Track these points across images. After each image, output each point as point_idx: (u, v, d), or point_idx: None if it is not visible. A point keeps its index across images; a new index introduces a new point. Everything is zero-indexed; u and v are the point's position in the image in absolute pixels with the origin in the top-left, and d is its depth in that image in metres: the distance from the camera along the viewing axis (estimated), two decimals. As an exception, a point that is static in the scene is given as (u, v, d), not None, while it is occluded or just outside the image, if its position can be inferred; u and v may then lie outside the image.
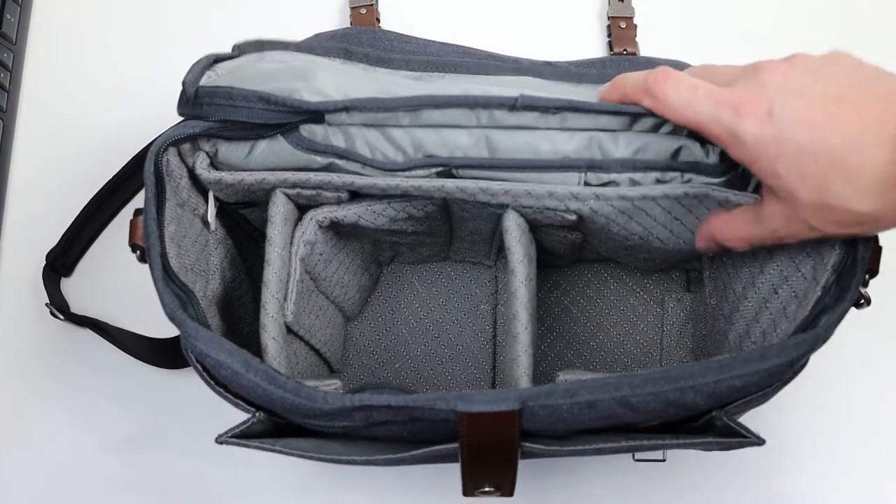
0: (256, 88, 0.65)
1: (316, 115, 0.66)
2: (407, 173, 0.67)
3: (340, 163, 0.67)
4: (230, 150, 0.67)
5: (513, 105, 0.64)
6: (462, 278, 0.85)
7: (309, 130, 0.67)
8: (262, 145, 0.67)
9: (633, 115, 0.64)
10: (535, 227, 0.71)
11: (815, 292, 0.61)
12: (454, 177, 0.67)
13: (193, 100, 0.65)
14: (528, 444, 0.58)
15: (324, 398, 0.56)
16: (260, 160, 0.67)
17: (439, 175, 0.67)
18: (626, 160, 0.65)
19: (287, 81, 0.66)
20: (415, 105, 0.65)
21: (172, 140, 0.64)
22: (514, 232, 0.68)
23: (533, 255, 0.70)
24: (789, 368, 0.59)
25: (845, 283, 0.59)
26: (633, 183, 0.66)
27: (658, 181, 0.66)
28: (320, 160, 0.67)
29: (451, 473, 0.67)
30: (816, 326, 0.58)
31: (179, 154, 0.66)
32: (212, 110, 0.65)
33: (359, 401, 0.56)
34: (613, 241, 0.72)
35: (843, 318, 0.58)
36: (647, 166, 0.65)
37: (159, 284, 0.60)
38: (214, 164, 0.68)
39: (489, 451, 0.58)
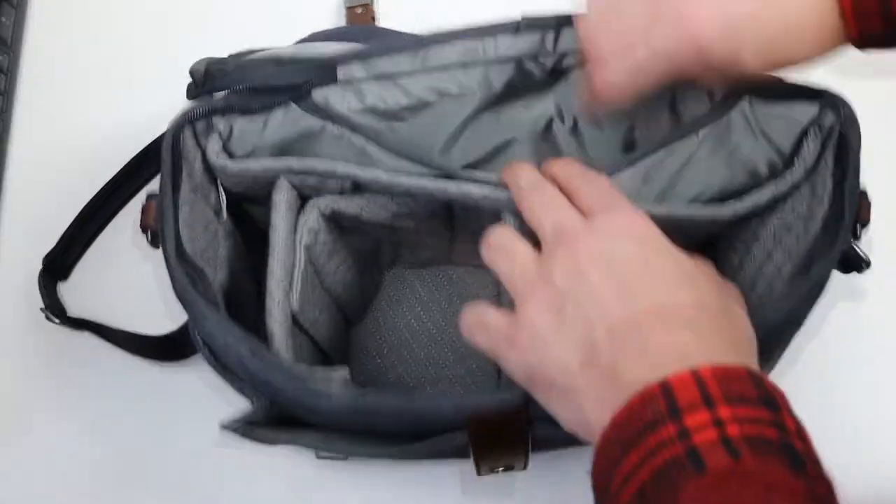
0: (266, 55, 0.66)
1: (328, 70, 0.66)
2: (410, 167, 0.68)
3: (353, 136, 0.68)
4: (246, 125, 0.67)
5: (516, 27, 0.67)
6: (464, 281, 0.85)
7: (321, 95, 0.67)
8: (278, 115, 0.67)
9: None
10: None
11: (808, 244, 0.62)
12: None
13: (203, 80, 0.66)
14: (540, 429, 0.58)
15: (328, 397, 0.56)
16: (275, 133, 0.68)
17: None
18: (623, 162, 0.66)
19: (293, 53, 0.67)
20: (424, 43, 0.67)
21: (189, 118, 0.64)
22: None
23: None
24: (788, 325, 0.60)
25: (833, 229, 0.60)
26: (633, 181, 0.66)
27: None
28: (333, 130, 0.68)
29: (452, 474, 0.67)
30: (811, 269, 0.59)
31: (195, 135, 0.66)
32: (224, 82, 0.66)
33: (363, 400, 0.56)
34: None
35: (835, 262, 0.59)
36: (640, 157, 0.67)
37: (171, 261, 0.59)
38: (227, 146, 0.68)
39: (498, 444, 0.58)
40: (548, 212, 0.58)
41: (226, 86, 0.66)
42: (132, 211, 0.89)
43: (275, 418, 0.62)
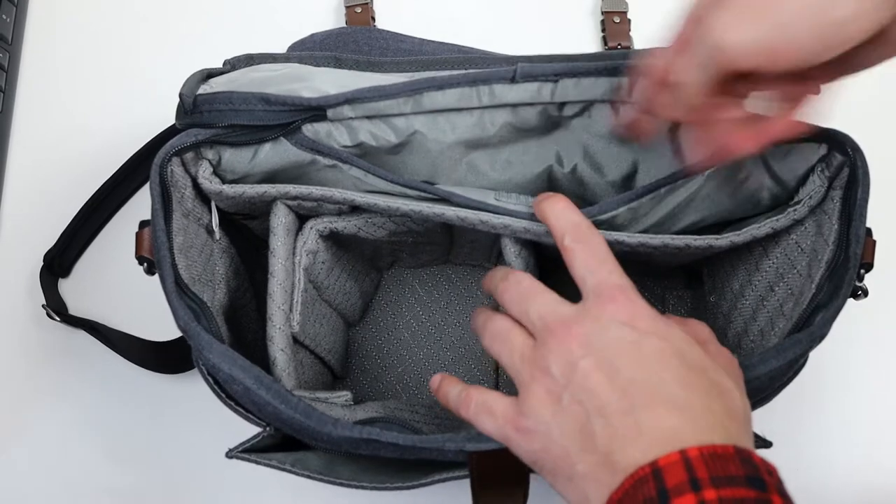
0: (255, 90, 0.65)
1: (317, 112, 0.66)
2: (403, 189, 0.67)
3: (344, 167, 0.67)
4: (234, 156, 0.67)
5: (512, 77, 0.65)
6: (463, 280, 0.85)
7: (312, 130, 0.67)
8: (266, 148, 0.67)
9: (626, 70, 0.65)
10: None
11: (811, 289, 0.62)
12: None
13: (192, 109, 0.65)
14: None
15: (333, 424, 0.57)
16: (264, 164, 0.67)
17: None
18: (621, 199, 0.66)
19: (285, 84, 0.66)
20: (416, 88, 0.65)
21: (176, 150, 0.64)
22: (513, 248, 0.68)
23: (534, 268, 0.70)
24: (789, 369, 0.60)
25: (838, 279, 0.60)
26: (631, 212, 0.66)
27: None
28: (324, 161, 0.67)
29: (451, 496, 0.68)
30: (812, 324, 0.59)
31: (183, 164, 0.65)
32: (212, 117, 0.65)
33: (367, 434, 0.57)
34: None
35: (837, 316, 0.58)
36: (640, 193, 0.66)
37: (172, 297, 0.59)
38: (217, 172, 0.68)
39: (500, 478, 0.59)
40: (527, 302, 0.59)
41: (214, 121, 0.65)
42: (133, 208, 0.89)
43: (279, 442, 0.63)
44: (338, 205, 0.68)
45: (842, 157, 0.63)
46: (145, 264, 0.63)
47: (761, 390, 0.60)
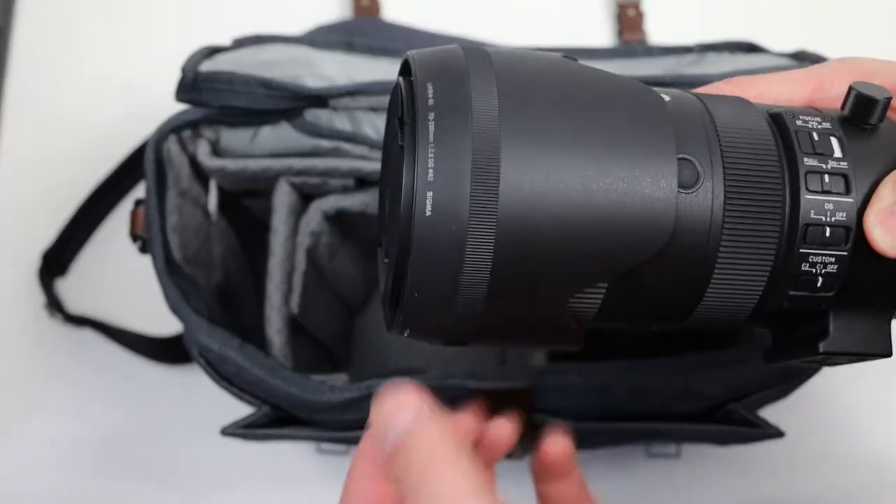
0: (257, 73, 0.65)
1: (319, 100, 0.66)
2: None
3: (347, 146, 0.67)
4: (233, 137, 0.67)
5: None
6: (469, 267, 0.84)
7: (313, 115, 0.66)
8: (266, 131, 0.67)
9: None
10: None
11: None
12: None
13: (192, 86, 0.65)
14: (540, 416, 0.59)
15: (330, 390, 0.57)
16: (264, 146, 0.67)
17: None
18: None
19: (289, 68, 0.66)
20: None
21: (173, 127, 0.64)
22: None
23: None
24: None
25: None
26: None
27: None
28: (326, 144, 0.67)
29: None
30: None
31: (180, 142, 0.65)
32: (211, 96, 0.65)
33: (366, 388, 0.57)
34: None
35: None
36: None
37: (162, 276, 0.60)
38: (216, 151, 0.67)
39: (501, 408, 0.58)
40: None
41: (211, 101, 0.65)
42: (130, 205, 0.88)
43: (275, 421, 0.63)
44: (343, 179, 0.67)
45: None
46: (139, 242, 0.64)
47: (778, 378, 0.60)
